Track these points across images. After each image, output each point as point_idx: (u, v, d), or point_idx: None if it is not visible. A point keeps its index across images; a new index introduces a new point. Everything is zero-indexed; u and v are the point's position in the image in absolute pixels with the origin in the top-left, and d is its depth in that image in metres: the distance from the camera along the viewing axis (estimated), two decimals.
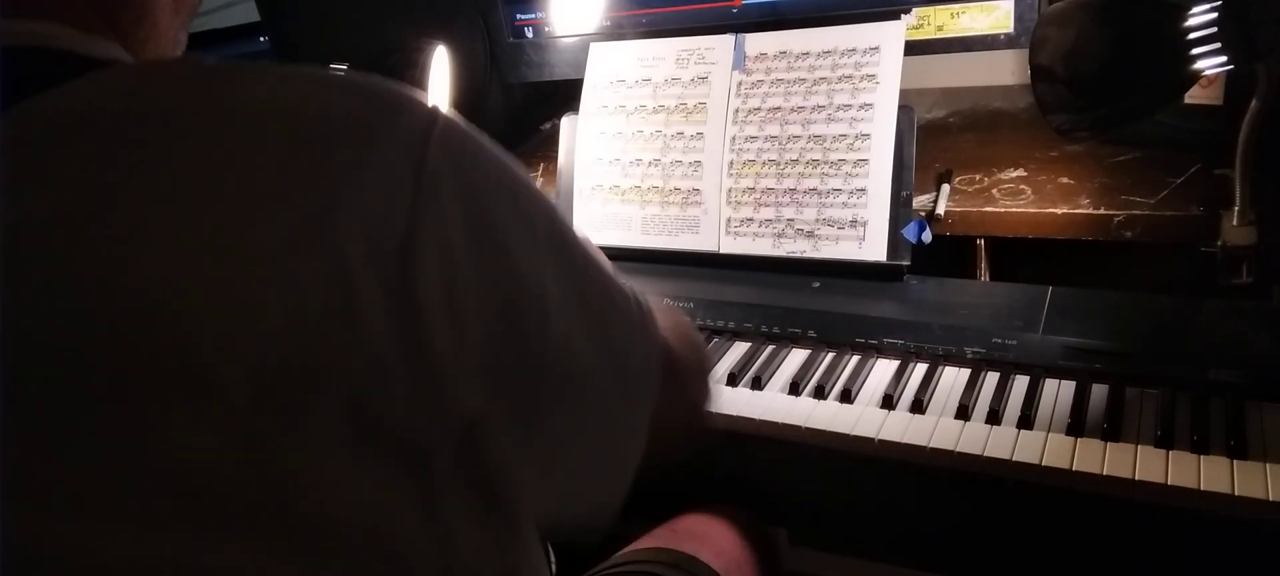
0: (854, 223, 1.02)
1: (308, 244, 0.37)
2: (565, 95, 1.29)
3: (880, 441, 0.81)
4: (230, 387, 0.35)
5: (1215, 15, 0.72)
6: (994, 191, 1.06)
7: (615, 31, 1.24)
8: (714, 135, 1.10)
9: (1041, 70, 0.85)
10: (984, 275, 1.07)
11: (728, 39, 1.12)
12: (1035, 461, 0.75)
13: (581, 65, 1.20)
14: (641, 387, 0.52)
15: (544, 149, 1.39)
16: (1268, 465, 0.71)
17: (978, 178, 1.09)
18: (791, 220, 1.05)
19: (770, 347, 0.97)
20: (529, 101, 1.46)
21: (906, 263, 1.00)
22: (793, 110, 1.06)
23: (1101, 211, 0.99)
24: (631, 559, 0.85)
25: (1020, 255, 1.04)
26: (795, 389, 0.89)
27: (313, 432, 0.37)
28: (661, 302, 0.65)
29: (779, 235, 1.06)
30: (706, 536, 0.89)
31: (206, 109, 0.39)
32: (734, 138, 1.09)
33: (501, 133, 0.66)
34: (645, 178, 1.14)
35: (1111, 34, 0.80)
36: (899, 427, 0.82)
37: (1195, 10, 0.73)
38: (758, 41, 1.10)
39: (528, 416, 0.44)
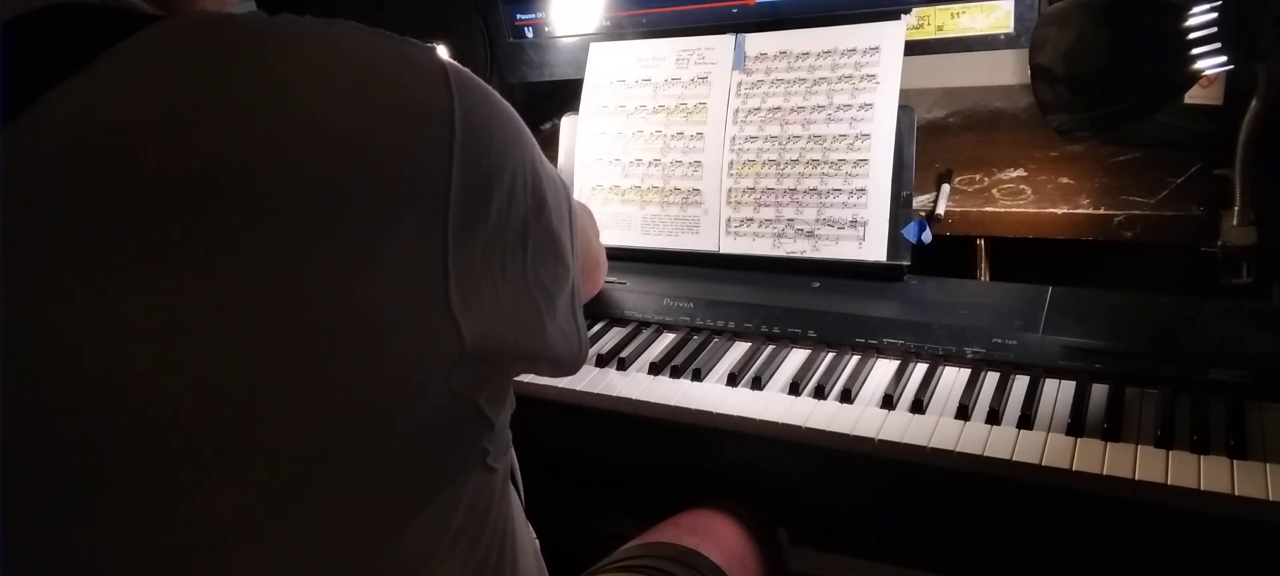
0: (854, 223, 1.02)
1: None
2: (565, 95, 1.29)
3: (880, 441, 0.81)
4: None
5: (1215, 15, 0.72)
6: (994, 191, 1.06)
7: (615, 31, 1.24)
8: (714, 135, 1.10)
9: (1041, 70, 0.85)
10: (984, 275, 1.07)
11: (728, 39, 1.12)
12: (1035, 461, 0.75)
13: (581, 65, 1.20)
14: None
15: (544, 149, 1.38)
16: (1268, 465, 0.71)
17: (978, 178, 1.09)
18: (791, 220, 1.05)
19: (770, 347, 0.97)
20: (529, 101, 1.46)
21: (906, 262, 1.00)
22: (793, 110, 1.06)
23: (1101, 211, 0.99)
24: (634, 554, 0.85)
25: (1020, 255, 1.04)
26: (795, 389, 0.89)
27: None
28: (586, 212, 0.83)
29: (779, 235, 1.06)
30: (709, 531, 0.89)
31: (227, 147, 0.39)
32: (734, 138, 1.09)
33: None
34: (645, 178, 1.14)
35: (1111, 34, 0.80)
36: (899, 427, 0.81)
37: (1195, 10, 0.73)
38: (758, 41, 1.10)
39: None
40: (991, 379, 0.87)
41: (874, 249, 1.01)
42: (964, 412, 0.82)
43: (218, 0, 0.54)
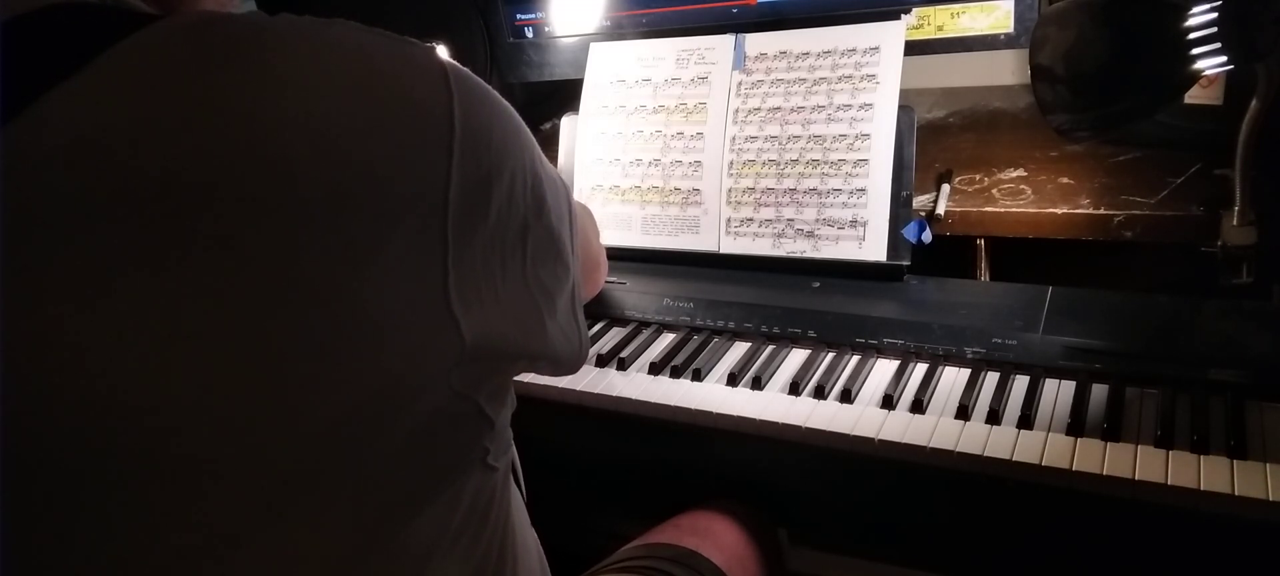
0: (854, 223, 1.02)
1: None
2: (565, 95, 1.29)
3: (880, 441, 0.81)
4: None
5: (1215, 15, 0.72)
6: (994, 191, 1.06)
7: (615, 31, 1.24)
8: (714, 135, 1.10)
9: (1041, 70, 0.85)
10: (984, 275, 1.07)
11: (728, 39, 1.12)
12: (1035, 461, 0.75)
13: (581, 65, 1.20)
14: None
15: (544, 149, 1.38)
16: (1268, 465, 0.71)
17: (978, 178, 1.09)
18: (791, 220, 1.05)
19: (770, 347, 0.97)
20: (529, 101, 1.46)
21: (906, 262, 1.00)
22: (793, 110, 1.06)
23: (1101, 211, 0.99)
24: (634, 555, 0.85)
25: (1020, 255, 1.04)
26: (795, 389, 0.89)
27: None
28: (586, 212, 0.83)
29: (779, 235, 1.06)
30: (709, 531, 0.89)
31: (226, 148, 0.39)
32: (734, 138, 1.09)
33: None
34: (645, 178, 1.14)
35: (1111, 34, 0.80)
36: (899, 427, 0.81)
37: (1195, 10, 0.73)
38: (758, 41, 1.10)
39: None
40: (991, 379, 0.87)
41: (874, 249, 1.01)
42: (964, 412, 0.82)
43: (218, 0, 0.54)
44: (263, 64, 0.41)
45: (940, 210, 1.05)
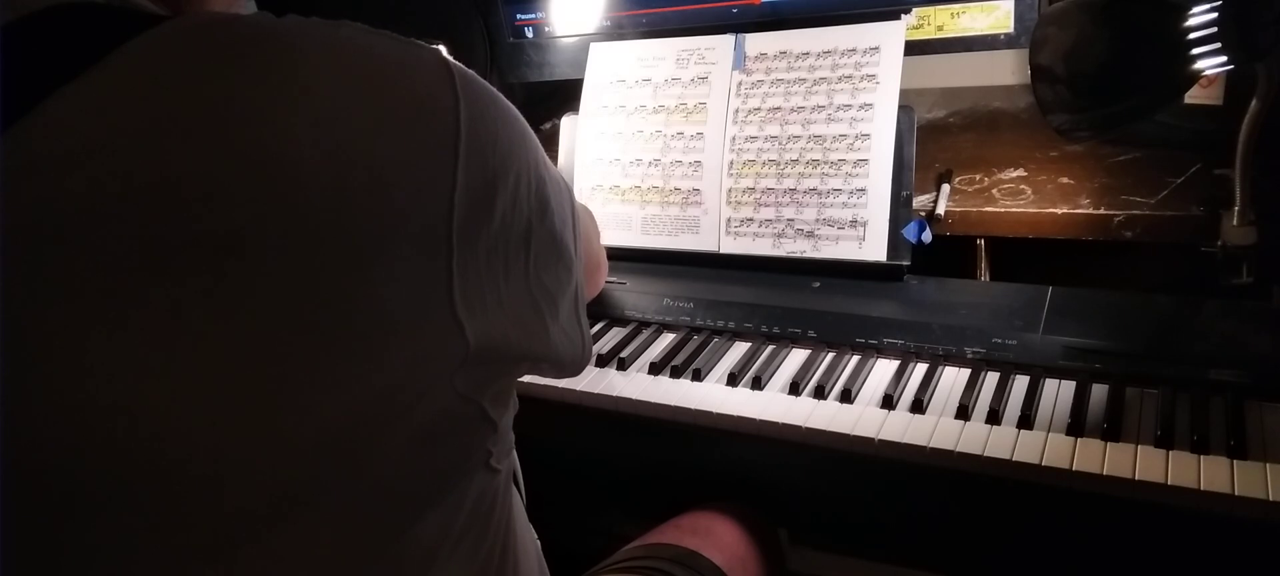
0: (854, 223, 1.02)
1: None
2: (565, 95, 1.29)
3: (880, 441, 0.81)
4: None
5: (1215, 15, 0.72)
6: (994, 191, 1.06)
7: (615, 31, 1.24)
8: (714, 135, 1.10)
9: (1041, 70, 0.85)
10: (984, 275, 1.07)
11: (728, 39, 1.12)
12: (1035, 461, 0.75)
13: (582, 65, 1.20)
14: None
15: (544, 148, 1.38)
16: (1268, 465, 0.71)
17: (978, 178, 1.09)
18: (791, 220, 1.05)
19: (770, 347, 0.97)
20: (529, 101, 1.46)
21: (906, 262, 1.00)
22: (793, 110, 1.06)
23: (1101, 211, 0.99)
24: (635, 555, 0.85)
25: (1020, 255, 1.04)
26: (795, 389, 0.89)
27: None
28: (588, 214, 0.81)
29: (779, 235, 1.06)
30: (710, 532, 0.89)
31: (233, 150, 0.39)
32: (734, 138, 1.09)
33: None
34: (645, 178, 1.14)
35: (1111, 34, 0.80)
36: (899, 427, 0.82)
37: (1195, 10, 0.73)
38: (758, 41, 1.10)
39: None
40: (991, 379, 0.87)
41: (874, 249, 1.01)
42: (964, 412, 0.82)
43: (226, 0, 0.54)
44: (271, 66, 0.41)
45: (940, 210, 1.05)
